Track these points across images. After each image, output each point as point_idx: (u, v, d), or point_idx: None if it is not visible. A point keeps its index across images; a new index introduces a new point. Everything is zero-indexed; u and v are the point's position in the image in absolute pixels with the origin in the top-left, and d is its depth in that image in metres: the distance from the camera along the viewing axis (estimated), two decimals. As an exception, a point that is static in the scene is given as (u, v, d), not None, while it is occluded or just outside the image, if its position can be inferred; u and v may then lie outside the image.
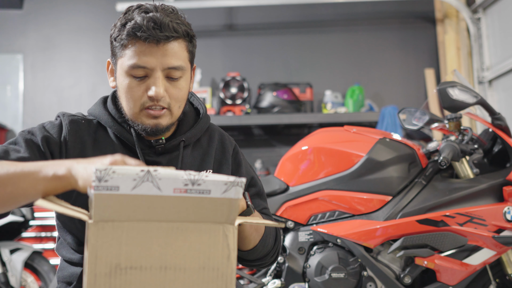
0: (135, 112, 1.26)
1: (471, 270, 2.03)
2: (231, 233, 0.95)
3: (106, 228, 0.89)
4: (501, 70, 3.79)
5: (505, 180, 2.10)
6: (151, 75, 1.23)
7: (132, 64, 1.22)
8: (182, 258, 0.92)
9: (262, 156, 4.31)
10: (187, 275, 0.92)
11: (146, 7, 1.24)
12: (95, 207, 0.89)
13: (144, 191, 0.90)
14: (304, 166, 2.25)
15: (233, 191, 0.94)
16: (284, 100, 4.06)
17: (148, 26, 1.19)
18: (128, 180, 0.88)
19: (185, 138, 1.34)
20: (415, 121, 2.40)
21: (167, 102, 1.25)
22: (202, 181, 0.92)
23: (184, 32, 1.24)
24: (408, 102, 4.25)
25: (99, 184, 0.87)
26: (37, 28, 4.51)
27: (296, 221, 2.20)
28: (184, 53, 1.26)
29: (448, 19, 4.28)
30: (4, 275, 3.04)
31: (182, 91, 1.28)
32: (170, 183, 0.90)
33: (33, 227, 3.87)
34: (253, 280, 2.17)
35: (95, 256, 0.88)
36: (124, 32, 1.22)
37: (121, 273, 0.89)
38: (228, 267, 0.94)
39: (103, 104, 1.36)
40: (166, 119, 1.27)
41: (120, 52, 1.24)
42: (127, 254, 0.90)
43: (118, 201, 0.89)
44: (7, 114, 4.43)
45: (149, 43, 1.20)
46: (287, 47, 4.47)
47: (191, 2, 4.18)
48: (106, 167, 0.88)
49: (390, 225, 2.06)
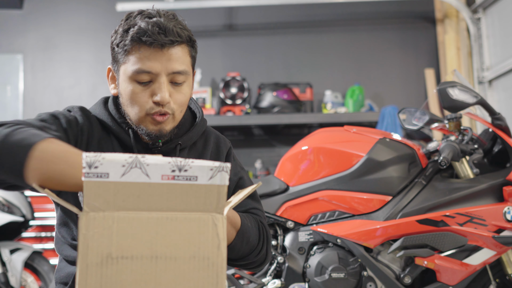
0: (140, 117, 1.26)
1: (471, 270, 2.03)
2: (220, 222, 0.96)
3: (97, 218, 0.90)
4: (501, 70, 3.79)
5: (505, 180, 2.10)
6: (156, 80, 1.23)
7: (137, 69, 1.22)
8: (173, 248, 0.93)
9: (262, 156, 4.31)
10: (177, 264, 0.94)
11: (149, 12, 1.25)
12: (86, 195, 0.90)
13: (133, 178, 0.91)
14: (304, 166, 2.25)
15: (219, 177, 0.95)
16: (284, 100, 4.06)
17: (153, 30, 1.19)
18: (117, 166, 0.90)
19: (181, 141, 1.35)
20: (415, 121, 2.40)
21: (171, 107, 1.25)
22: (188, 167, 0.94)
23: (187, 37, 1.25)
24: (408, 102, 4.26)
25: (89, 171, 0.89)
26: (37, 28, 4.52)
27: (296, 221, 2.20)
28: (187, 58, 1.27)
29: (448, 19, 4.28)
30: (4, 275, 3.04)
31: (185, 96, 1.28)
32: (158, 169, 0.92)
33: (33, 227, 3.87)
34: (253, 280, 2.17)
35: (87, 246, 0.90)
36: (127, 38, 1.22)
37: (113, 262, 0.90)
38: (219, 256, 0.95)
39: (104, 104, 1.37)
40: (169, 124, 1.28)
41: (123, 58, 1.24)
42: (118, 244, 0.91)
43: (108, 189, 0.91)
44: (7, 114, 4.43)
45: (154, 48, 1.20)
46: (287, 47, 4.47)
47: (191, 2, 4.19)
48: (95, 154, 0.90)
49: (390, 225, 2.06)
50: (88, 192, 0.90)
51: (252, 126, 4.31)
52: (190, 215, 0.95)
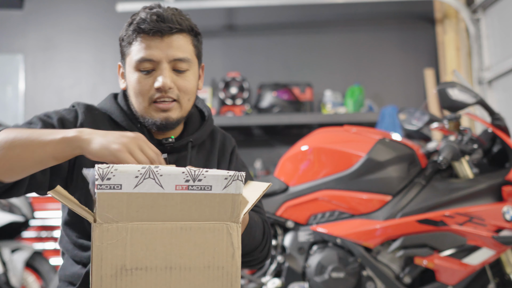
0: (144, 107, 1.28)
1: (471, 270, 2.03)
2: (235, 231, 0.96)
3: (110, 229, 0.90)
4: (501, 70, 3.79)
5: (504, 180, 2.11)
6: (157, 67, 1.25)
7: (139, 58, 1.25)
8: (187, 258, 0.93)
9: (262, 156, 4.31)
10: (192, 274, 0.93)
11: (151, 6, 1.28)
12: (99, 207, 0.90)
13: (147, 188, 0.91)
14: (304, 166, 2.25)
15: (234, 186, 0.94)
16: (284, 100, 4.06)
17: (151, 19, 1.23)
18: (130, 177, 0.90)
19: (192, 139, 1.35)
20: (414, 121, 2.40)
21: (175, 93, 1.27)
22: (202, 176, 0.93)
23: (188, 26, 1.28)
24: (407, 102, 4.25)
25: (102, 183, 0.89)
26: (38, 28, 4.52)
27: (296, 221, 2.20)
28: (189, 46, 1.29)
29: (448, 20, 4.28)
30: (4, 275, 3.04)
31: (190, 83, 1.29)
32: (172, 180, 0.92)
33: (34, 227, 3.87)
34: (253, 280, 2.17)
35: (100, 258, 0.89)
36: (130, 29, 1.27)
37: (127, 274, 0.90)
38: (233, 265, 0.95)
39: (114, 99, 1.38)
40: (176, 112, 1.28)
41: (127, 49, 1.28)
42: (132, 255, 0.91)
43: (121, 200, 0.90)
44: (8, 114, 4.43)
45: (154, 35, 1.23)
46: (287, 47, 4.47)
47: (191, 2, 4.19)
48: (108, 165, 0.89)
49: (390, 225, 2.06)
50: (101, 204, 0.90)
51: (252, 126, 4.31)
52: (205, 224, 0.94)
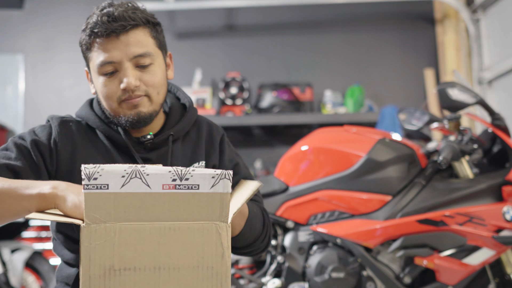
0: (115, 108, 1.27)
1: (471, 270, 2.03)
2: (224, 231, 0.95)
3: (98, 230, 0.90)
4: (501, 70, 3.79)
5: (504, 180, 2.11)
6: (120, 68, 1.24)
7: (99, 63, 1.24)
8: (176, 258, 0.93)
9: (262, 156, 4.31)
10: (181, 274, 0.93)
11: (102, 6, 1.26)
12: (86, 207, 0.89)
13: (134, 188, 0.90)
14: (304, 166, 2.25)
15: (221, 185, 0.94)
16: (284, 100, 4.06)
17: (103, 20, 1.21)
18: (117, 177, 0.89)
19: (173, 132, 1.33)
20: (414, 121, 2.40)
21: (143, 89, 1.25)
22: (189, 175, 0.92)
23: (142, 19, 1.25)
24: (407, 102, 4.25)
25: (89, 183, 0.88)
26: (38, 28, 4.52)
27: (296, 221, 2.20)
28: (148, 39, 1.26)
29: (448, 20, 4.28)
30: (4, 275, 3.04)
31: (156, 76, 1.27)
32: (158, 179, 0.91)
33: (33, 227, 3.87)
34: (253, 280, 2.17)
35: (89, 258, 0.89)
36: (86, 34, 1.25)
37: (115, 274, 0.90)
38: (223, 265, 0.94)
39: (90, 106, 1.37)
40: (146, 106, 1.27)
41: (88, 55, 1.27)
42: (121, 255, 0.90)
43: (108, 200, 0.90)
44: (8, 114, 4.44)
45: (109, 37, 1.22)
46: (287, 47, 4.47)
47: (191, 2, 4.19)
48: (94, 165, 0.89)
49: (390, 225, 2.06)
50: (89, 204, 0.89)
51: (252, 126, 4.31)
52: (193, 224, 0.94)
